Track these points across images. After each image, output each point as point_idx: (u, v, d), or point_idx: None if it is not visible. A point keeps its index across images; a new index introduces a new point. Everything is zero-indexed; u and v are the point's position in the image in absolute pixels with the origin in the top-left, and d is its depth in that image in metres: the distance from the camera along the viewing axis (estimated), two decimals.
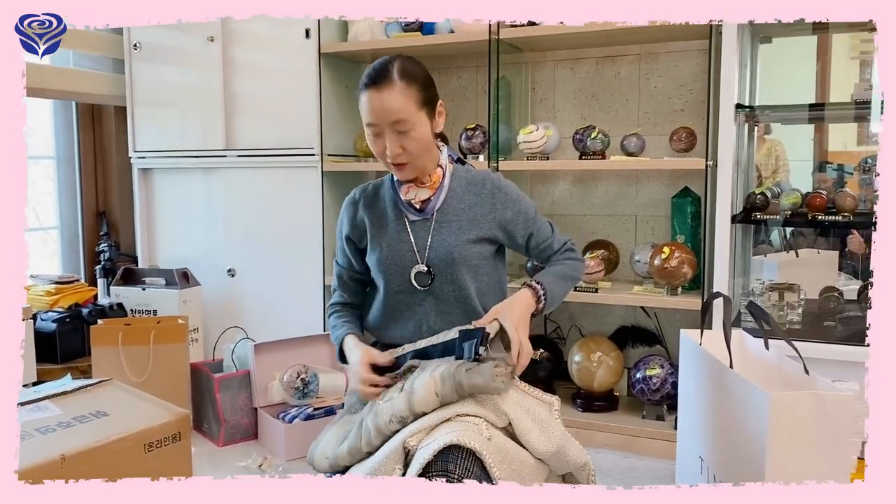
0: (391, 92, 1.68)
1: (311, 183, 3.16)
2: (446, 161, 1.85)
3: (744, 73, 2.64)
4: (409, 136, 1.70)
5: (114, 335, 2.64)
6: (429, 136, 1.75)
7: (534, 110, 3.18)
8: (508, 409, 1.55)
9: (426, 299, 1.81)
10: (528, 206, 1.88)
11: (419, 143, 1.72)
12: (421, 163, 1.76)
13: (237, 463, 2.45)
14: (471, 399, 1.57)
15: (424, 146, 1.74)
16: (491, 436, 1.50)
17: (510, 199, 1.84)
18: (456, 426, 1.49)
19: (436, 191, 1.81)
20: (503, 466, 1.46)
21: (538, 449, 1.53)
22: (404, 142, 1.70)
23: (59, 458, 1.44)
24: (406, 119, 1.68)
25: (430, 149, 1.78)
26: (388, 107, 1.68)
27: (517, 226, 1.84)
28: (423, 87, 1.73)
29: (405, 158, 1.73)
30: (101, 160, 3.95)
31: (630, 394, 2.80)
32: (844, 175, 2.84)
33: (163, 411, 1.75)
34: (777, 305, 2.64)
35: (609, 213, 3.10)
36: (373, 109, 1.71)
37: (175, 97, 3.44)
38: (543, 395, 1.67)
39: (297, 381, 2.66)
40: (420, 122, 1.71)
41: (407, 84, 1.69)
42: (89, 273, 3.83)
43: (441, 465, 1.42)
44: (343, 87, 3.25)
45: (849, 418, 1.50)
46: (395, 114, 1.68)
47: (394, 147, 1.71)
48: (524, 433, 1.54)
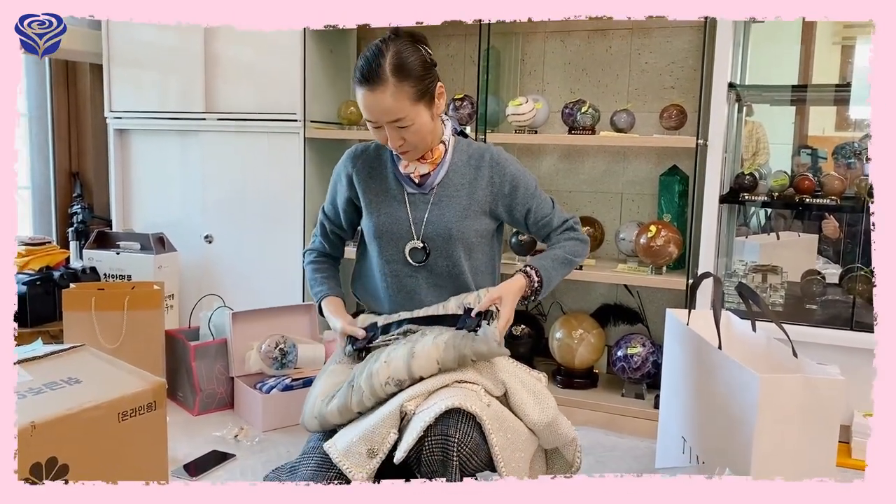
0: (384, 92, 1.62)
1: (292, 149, 3.09)
2: (449, 136, 1.83)
3: (736, 52, 2.61)
4: (409, 130, 1.68)
5: (87, 300, 2.57)
6: (429, 124, 1.72)
7: (523, 82, 3.12)
8: (506, 379, 1.58)
9: (419, 272, 1.81)
10: (529, 180, 1.88)
11: (420, 134, 1.71)
12: (424, 146, 1.75)
13: (212, 433, 2.41)
14: (469, 367, 1.58)
15: (426, 134, 1.73)
16: (490, 402, 1.51)
17: (508, 174, 1.84)
18: (455, 391, 1.50)
19: (436, 166, 1.80)
20: (500, 434, 1.47)
21: (533, 419, 1.54)
22: (404, 135, 1.69)
23: (30, 425, 1.39)
24: (403, 117, 1.65)
25: (433, 132, 1.76)
26: (384, 108, 1.64)
27: (515, 200, 1.84)
28: (419, 79, 1.66)
29: (408, 147, 1.73)
30: (76, 119, 3.84)
31: (610, 371, 2.80)
32: (819, 160, 2.85)
33: (137, 379, 1.70)
34: (760, 287, 2.64)
35: (595, 189, 3.07)
36: (368, 109, 1.67)
37: (154, 57, 3.33)
38: (531, 371, 1.69)
39: (276, 351, 2.62)
40: (419, 115, 1.68)
41: (400, 81, 1.63)
42: (61, 235, 3.73)
43: (441, 428, 1.42)
44: (328, 52, 3.17)
45: (837, 402, 1.49)
46: (391, 114, 1.65)
47: (395, 140, 1.70)
48: (520, 403, 1.56)
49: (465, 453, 1.40)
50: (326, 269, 1.98)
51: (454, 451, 1.39)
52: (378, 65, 1.62)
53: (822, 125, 2.97)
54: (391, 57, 1.62)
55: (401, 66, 1.62)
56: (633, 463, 2.26)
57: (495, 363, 1.63)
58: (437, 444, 1.40)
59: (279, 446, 2.30)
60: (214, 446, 2.30)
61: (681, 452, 1.93)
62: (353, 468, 1.46)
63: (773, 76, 2.88)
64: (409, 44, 1.66)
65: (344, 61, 3.31)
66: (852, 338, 2.33)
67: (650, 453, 2.26)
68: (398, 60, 1.62)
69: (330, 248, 2.01)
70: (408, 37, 1.68)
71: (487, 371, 1.60)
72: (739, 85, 2.67)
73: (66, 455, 1.46)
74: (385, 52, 1.63)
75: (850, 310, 2.46)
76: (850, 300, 2.51)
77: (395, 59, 1.62)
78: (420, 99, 1.66)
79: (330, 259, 2.01)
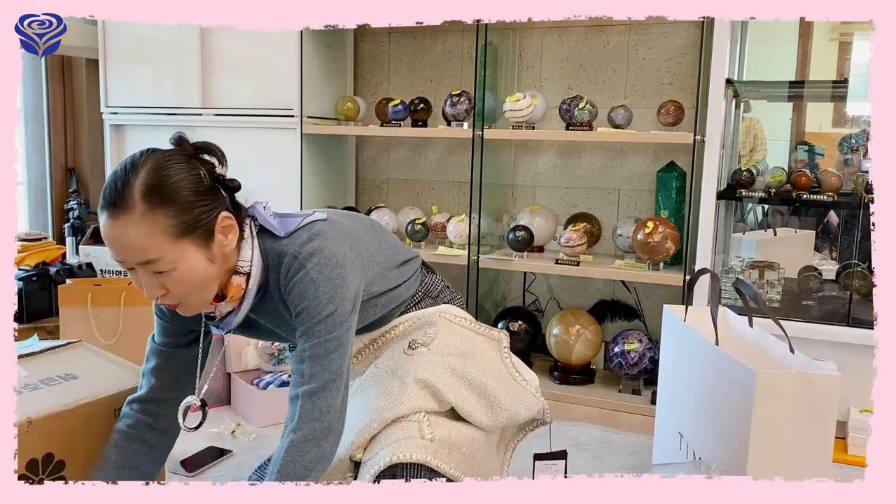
0: (128, 222, 1.18)
1: (289, 145, 3.08)
2: (254, 260, 1.33)
3: (734, 48, 2.61)
4: (168, 276, 1.23)
5: (83, 295, 2.57)
6: (202, 268, 1.25)
7: (520, 78, 3.12)
8: (451, 396, 1.45)
9: None
10: (325, 307, 1.30)
11: (188, 283, 1.24)
12: (200, 298, 1.29)
13: (209, 429, 2.40)
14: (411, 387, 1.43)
15: (197, 283, 1.26)
16: (433, 433, 1.39)
17: (307, 291, 1.30)
18: (396, 433, 1.39)
19: (239, 304, 1.35)
20: (452, 457, 1.39)
21: (486, 425, 1.47)
22: (164, 281, 1.23)
23: (26, 421, 1.39)
24: (157, 258, 1.20)
25: (212, 279, 1.29)
26: (127, 243, 1.19)
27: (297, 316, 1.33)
28: (184, 207, 1.21)
29: (172, 300, 1.27)
30: (72, 115, 3.82)
31: (607, 367, 2.80)
32: (815, 156, 2.85)
33: (134, 375, 1.70)
34: (757, 283, 2.64)
35: (593, 185, 3.07)
36: (110, 243, 1.22)
37: (150, 52, 3.32)
38: (491, 331, 1.60)
39: (272, 347, 2.61)
40: (184, 257, 1.22)
41: (152, 208, 1.18)
42: (57, 231, 3.72)
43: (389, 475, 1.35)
44: (325, 48, 3.16)
45: (834, 399, 1.49)
46: (138, 253, 1.20)
47: (152, 289, 1.24)
48: (469, 413, 1.45)
49: None
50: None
51: None
52: (125, 183, 1.18)
53: (819, 121, 2.98)
54: (146, 174, 1.19)
55: (156, 187, 1.19)
56: (629, 459, 2.26)
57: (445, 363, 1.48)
58: None
59: (276, 443, 2.28)
60: (211, 442, 2.30)
61: (678, 448, 1.93)
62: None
63: (771, 72, 2.88)
64: (180, 159, 1.25)
65: (341, 57, 3.30)
66: (849, 334, 2.33)
67: (647, 449, 2.26)
68: (154, 179, 1.19)
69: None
70: (188, 148, 1.29)
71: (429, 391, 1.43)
72: (737, 81, 2.67)
73: (62, 451, 1.45)
74: (140, 167, 1.20)
75: (847, 306, 2.46)
76: (846, 296, 2.51)
77: (151, 176, 1.19)
78: (184, 235, 1.21)
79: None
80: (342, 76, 3.31)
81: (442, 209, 3.17)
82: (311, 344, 1.31)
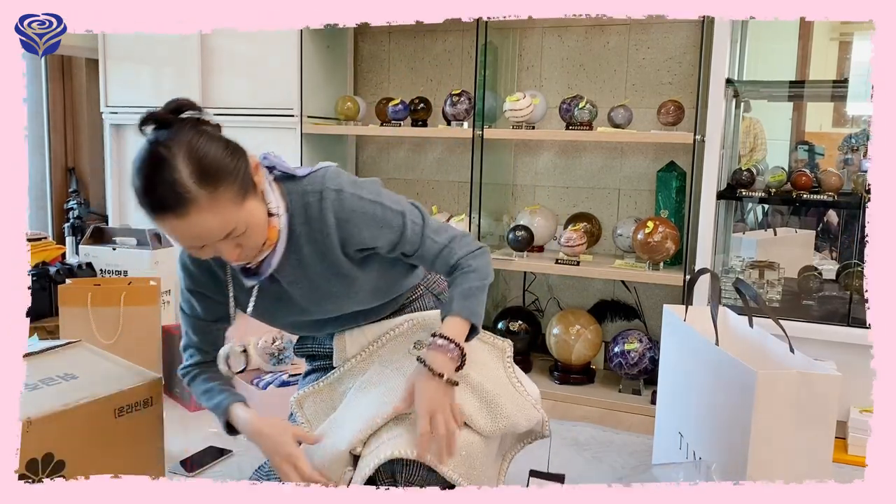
0: (199, 214, 1.21)
1: (289, 145, 3.07)
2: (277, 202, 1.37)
3: (734, 48, 2.61)
4: (245, 236, 1.29)
5: (83, 295, 2.57)
6: (262, 213, 1.32)
7: (520, 78, 3.12)
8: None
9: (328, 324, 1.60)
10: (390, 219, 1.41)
11: (257, 233, 1.32)
12: (262, 239, 1.35)
13: (209, 429, 2.40)
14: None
15: (262, 229, 1.33)
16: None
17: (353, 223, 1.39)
18: (398, 430, 1.41)
19: (274, 246, 1.39)
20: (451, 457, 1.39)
21: (485, 430, 1.47)
22: (241, 241, 1.30)
23: (26, 421, 1.39)
24: (234, 228, 1.26)
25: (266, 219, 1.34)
26: (206, 231, 1.24)
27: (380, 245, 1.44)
28: (233, 174, 1.25)
29: (246, 255, 1.35)
30: (71, 115, 3.83)
31: (607, 367, 2.80)
32: (815, 156, 2.85)
33: (134, 375, 1.70)
34: (757, 283, 2.64)
35: (593, 185, 3.07)
36: (186, 238, 1.26)
37: (150, 52, 3.32)
38: (496, 339, 1.61)
39: (272, 347, 2.61)
40: (251, 214, 1.29)
41: (211, 192, 1.21)
42: (57, 231, 3.72)
43: (388, 471, 1.38)
44: (325, 47, 3.16)
45: (834, 399, 1.49)
46: (219, 232, 1.25)
47: (231, 253, 1.31)
48: (470, 416, 1.46)
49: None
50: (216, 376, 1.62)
51: None
52: (172, 182, 1.18)
53: (819, 121, 2.98)
54: (187, 164, 1.20)
55: (204, 170, 1.21)
56: (629, 459, 2.26)
57: None
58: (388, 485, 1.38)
59: None
60: (211, 442, 2.30)
61: (678, 448, 1.93)
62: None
63: (771, 72, 2.88)
64: (194, 133, 1.26)
65: (341, 57, 3.30)
66: (849, 333, 2.33)
67: (647, 449, 2.26)
68: (198, 165, 1.21)
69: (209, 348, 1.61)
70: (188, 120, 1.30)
71: None
72: (737, 81, 2.67)
73: (62, 451, 1.46)
74: (173, 160, 1.20)
75: (847, 306, 2.46)
76: (846, 296, 2.51)
77: (193, 164, 1.20)
78: (243, 196, 1.27)
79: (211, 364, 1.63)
80: (342, 76, 3.31)
81: (442, 209, 3.17)
82: (426, 247, 1.47)
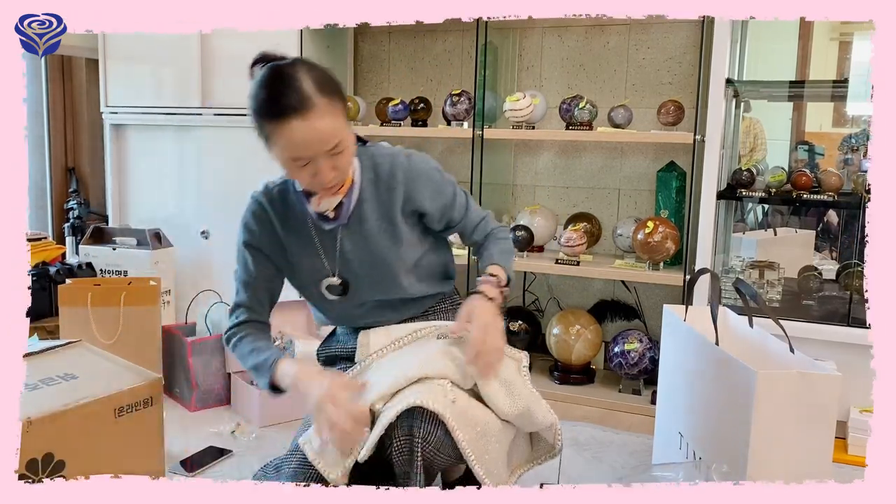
0: (322, 117, 1.38)
1: None
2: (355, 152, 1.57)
3: (734, 47, 2.61)
4: (343, 156, 1.44)
5: (83, 295, 2.57)
6: (353, 138, 1.51)
7: (520, 78, 3.12)
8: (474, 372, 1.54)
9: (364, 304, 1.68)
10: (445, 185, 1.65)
11: (348, 156, 1.48)
12: (349, 170, 1.53)
13: (209, 429, 2.40)
14: (438, 357, 1.54)
15: (352, 156, 1.51)
16: (455, 398, 1.47)
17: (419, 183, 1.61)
18: (421, 388, 1.47)
19: (347, 193, 1.56)
20: (467, 429, 1.44)
21: (504, 411, 1.52)
22: (338, 162, 1.44)
23: (26, 421, 1.39)
24: (340, 140, 1.42)
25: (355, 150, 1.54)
26: (323, 135, 1.39)
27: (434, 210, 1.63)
28: (341, 94, 1.45)
29: (339, 178, 1.49)
30: (71, 114, 3.82)
31: (607, 367, 2.80)
32: (815, 156, 2.86)
33: (134, 375, 1.70)
34: (757, 283, 2.64)
35: (593, 185, 3.07)
36: (304, 142, 1.39)
37: (150, 52, 3.32)
38: (513, 351, 1.64)
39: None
40: (350, 135, 1.46)
41: (331, 99, 1.40)
42: (57, 231, 3.72)
43: (405, 428, 1.41)
44: (325, 48, 3.16)
45: (834, 399, 1.49)
46: (331, 140, 1.40)
47: (328, 174, 1.44)
48: (490, 395, 1.52)
49: (428, 451, 1.39)
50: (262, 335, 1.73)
51: (418, 449, 1.38)
52: (298, 88, 1.38)
53: (819, 121, 2.98)
54: (308, 76, 1.40)
55: (323, 81, 1.41)
56: (629, 459, 2.27)
57: None
58: (403, 442, 1.40)
59: (276, 442, 2.30)
60: (211, 442, 2.30)
61: (678, 448, 1.93)
62: (327, 468, 1.46)
63: (771, 72, 2.88)
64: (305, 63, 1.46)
65: (341, 57, 3.30)
66: (849, 334, 2.33)
67: (647, 449, 2.26)
68: (318, 77, 1.41)
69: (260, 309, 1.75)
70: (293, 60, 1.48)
71: (456, 363, 1.53)
72: (737, 81, 2.67)
73: (62, 451, 1.45)
74: (296, 73, 1.40)
75: (847, 306, 2.46)
76: (846, 296, 2.51)
77: (315, 76, 1.41)
78: (345, 115, 1.46)
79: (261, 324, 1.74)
80: (342, 76, 3.31)
81: None
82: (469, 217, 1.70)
